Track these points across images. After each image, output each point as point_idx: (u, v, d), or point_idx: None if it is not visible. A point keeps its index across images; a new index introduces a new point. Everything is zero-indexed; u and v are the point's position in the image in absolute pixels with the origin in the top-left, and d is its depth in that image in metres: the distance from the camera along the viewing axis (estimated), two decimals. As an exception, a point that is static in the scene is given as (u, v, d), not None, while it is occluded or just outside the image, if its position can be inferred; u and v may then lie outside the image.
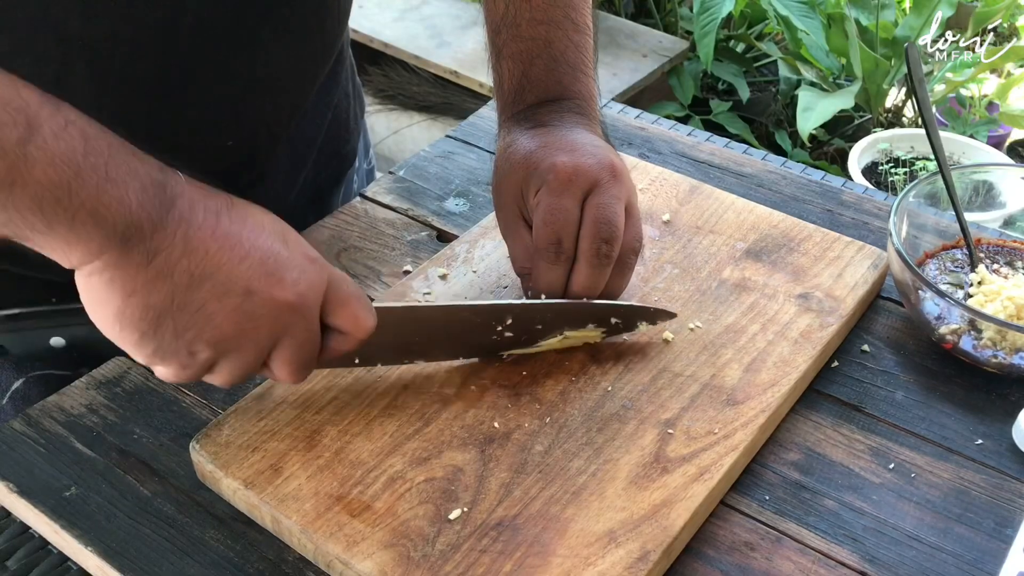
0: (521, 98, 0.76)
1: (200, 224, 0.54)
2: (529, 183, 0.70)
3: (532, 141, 0.71)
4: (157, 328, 0.53)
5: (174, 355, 0.55)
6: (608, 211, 0.67)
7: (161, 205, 0.52)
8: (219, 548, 0.61)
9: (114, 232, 0.51)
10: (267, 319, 0.56)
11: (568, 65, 0.76)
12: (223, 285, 0.54)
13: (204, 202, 0.55)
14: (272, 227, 0.58)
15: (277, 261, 0.56)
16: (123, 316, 0.53)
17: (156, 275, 0.52)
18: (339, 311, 0.59)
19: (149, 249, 0.52)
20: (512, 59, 0.77)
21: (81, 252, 0.51)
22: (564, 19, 0.76)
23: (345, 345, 0.61)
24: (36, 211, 0.49)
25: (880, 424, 0.69)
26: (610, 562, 0.57)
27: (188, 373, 0.57)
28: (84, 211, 0.49)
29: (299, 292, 0.56)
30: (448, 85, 2.70)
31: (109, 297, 0.52)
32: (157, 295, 0.52)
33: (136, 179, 0.51)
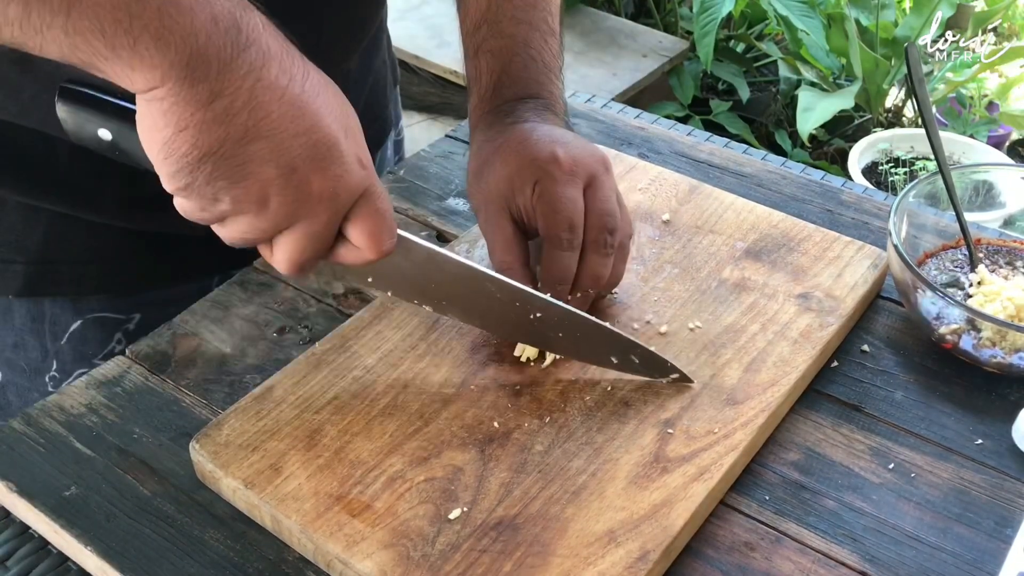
0: (499, 93, 0.78)
1: (271, 82, 0.52)
2: (524, 175, 0.70)
3: (520, 134, 0.72)
4: (196, 167, 0.52)
5: (199, 195, 0.54)
6: (608, 203, 0.70)
7: (233, 46, 0.51)
8: (219, 548, 0.61)
9: (177, 59, 0.49)
10: (292, 199, 0.55)
11: (544, 65, 0.78)
12: (271, 152, 0.53)
13: (281, 59, 0.53)
14: (340, 113, 0.56)
15: (330, 150, 0.55)
16: (170, 147, 0.52)
17: (213, 118, 0.51)
18: (359, 223, 0.58)
19: (213, 89, 0.51)
20: (491, 55, 0.78)
21: (145, 78, 0.50)
22: (541, 22, 0.79)
23: (353, 257, 0.60)
24: (98, 35, 0.48)
25: (880, 424, 0.69)
26: (610, 562, 0.57)
27: (203, 216, 0.56)
28: (146, 35, 0.48)
29: (333, 187, 0.55)
30: (448, 85, 2.70)
31: (162, 125, 0.51)
32: (207, 137, 0.52)
33: (205, 8, 0.50)
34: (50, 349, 0.82)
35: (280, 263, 0.59)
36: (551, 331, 0.68)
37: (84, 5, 0.47)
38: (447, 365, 0.70)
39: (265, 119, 0.52)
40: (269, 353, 0.74)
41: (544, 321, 0.68)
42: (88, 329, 0.82)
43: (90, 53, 0.49)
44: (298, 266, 0.59)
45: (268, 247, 0.59)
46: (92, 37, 0.48)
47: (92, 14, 0.47)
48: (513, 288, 0.67)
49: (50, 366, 0.83)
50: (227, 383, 0.72)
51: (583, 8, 2.86)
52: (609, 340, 0.68)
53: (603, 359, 0.69)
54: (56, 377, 0.84)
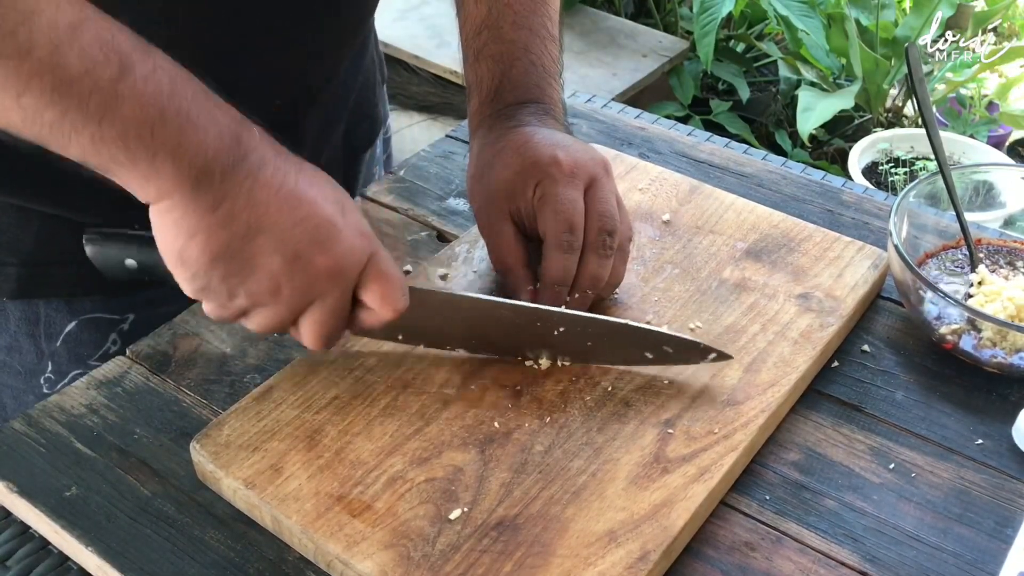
0: (500, 98, 0.78)
1: (267, 180, 0.57)
2: (525, 177, 0.71)
3: (521, 137, 0.73)
4: (210, 269, 0.57)
5: (217, 295, 0.59)
6: (608, 205, 0.71)
7: (235, 155, 0.56)
8: (219, 548, 0.61)
9: (189, 173, 0.54)
10: (304, 282, 0.59)
11: (544, 70, 0.80)
12: (274, 242, 0.58)
13: (275, 161, 0.58)
14: (334, 197, 0.61)
15: (329, 231, 0.59)
16: (184, 253, 0.57)
17: (219, 222, 0.56)
18: (371, 287, 0.62)
19: (216, 196, 0.55)
20: (492, 60, 0.79)
21: (157, 188, 0.55)
22: (541, 28, 0.80)
23: (372, 320, 0.64)
24: (121, 146, 0.53)
25: (880, 424, 0.69)
26: (610, 562, 0.57)
27: (224, 313, 0.61)
28: (165, 150, 0.53)
29: (340, 263, 0.60)
30: (448, 85, 2.70)
31: (176, 234, 0.57)
32: (216, 240, 0.56)
33: (215, 126, 0.55)
34: (45, 351, 0.83)
35: (308, 340, 0.63)
36: (578, 342, 0.69)
37: (115, 118, 0.52)
38: (447, 365, 0.70)
39: (264, 215, 0.57)
40: (270, 353, 0.74)
41: (568, 333, 0.68)
42: (83, 330, 0.83)
43: (109, 160, 0.54)
44: (325, 340, 0.63)
45: (295, 328, 0.63)
46: (115, 147, 0.53)
47: (120, 127, 0.52)
48: (528, 309, 0.68)
49: (45, 368, 0.83)
50: (228, 383, 0.72)
51: (583, 8, 2.86)
52: (639, 338, 0.69)
53: (637, 357, 0.69)
54: (51, 379, 0.84)
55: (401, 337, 0.69)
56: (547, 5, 0.81)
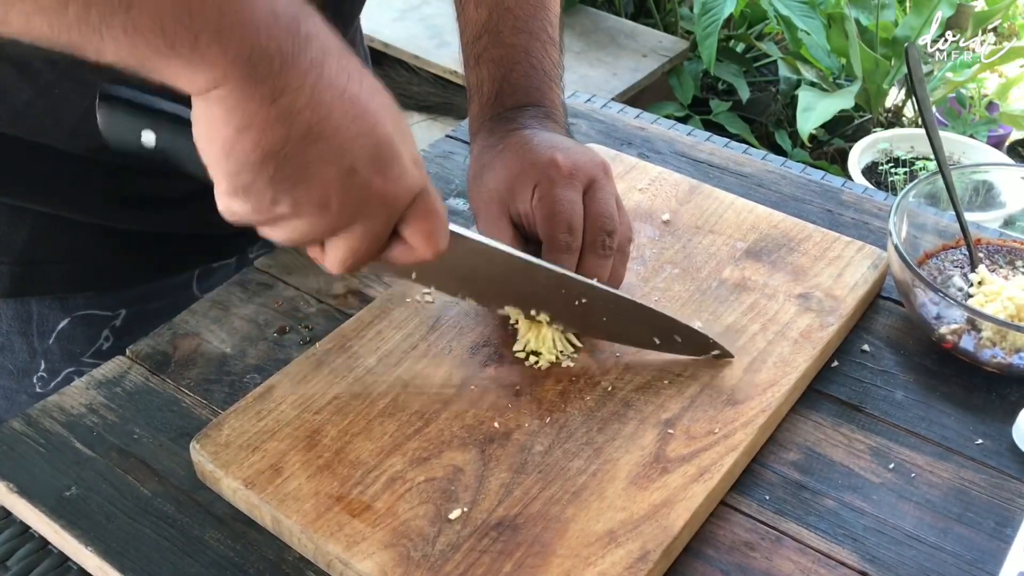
0: (500, 101, 0.78)
1: (332, 79, 0.51)
2: (524, 178, 0.71)
3: (521, 140, 0.73)
4: (259, 168, 0.51)
5: (258, 197, 0.53)
6: (607, 206, 0.71)
7: (294, 41, 0.50)
8: (219, 548, 0.61)
9: (239, 57, 0.48)
10: (354, 200, 0.54)
11: (544, 74, 0.79)
12: (334, 152, 0.52)
13: (339, 56, 0.52)
14: (394, 114, 0.56)
15: (390, 151, 0.54)
16: (232, 146, 0.51)
17: (276, 117, 0.50)
18: (416, 223, 0.58)
19: (276, 86, 0.50)
20: (493, 63, 0.79)
21: (205, 76, 0.49)
22: (541, 31, 0.80)
23: (407, 257, 0.59)
24: (157, 31, 0.47)
25: (880, 424, 0.69)
26: (610, 562, 0.57)
27: (258, 217, 0.55)
28: (208, 31, 0.47)
29: (393, 188, 0.55)
30: (448, 85, 2.70)
31: (224, 124, 0.50)
32: (271, 137, 0.50)
33: (265, 3, 0.49)
34: (38, 349, 0.82)
35: (332, 263, 0.58)
36: (595, 315, 0.69)
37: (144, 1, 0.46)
38: (447, 365, 0.70)
39: (327, 118, 0.51)
40: (269, 353, 0.74)
41: (589, 306, 0.69)
42: (75, 327, 0.82)
43: (149, 52, 0.48)
44: (350, 266, 0.58)
45: (319, 247, 0.58)
46: (152, 35, 0.47)
47: (152, 10, 0.46)
48: (559, 274, 0.68)
49: (38, 366, 0.83)
50: (227, 383, 0.72)
51: (583, 8, 2.86)
52: (653, 321, 0.69)
53: (646, 340, 0.70)
54: (44, 377, 0.84)
55: (415, 276, 0.66)
56: (547, 9, 0.81)
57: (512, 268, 0.68)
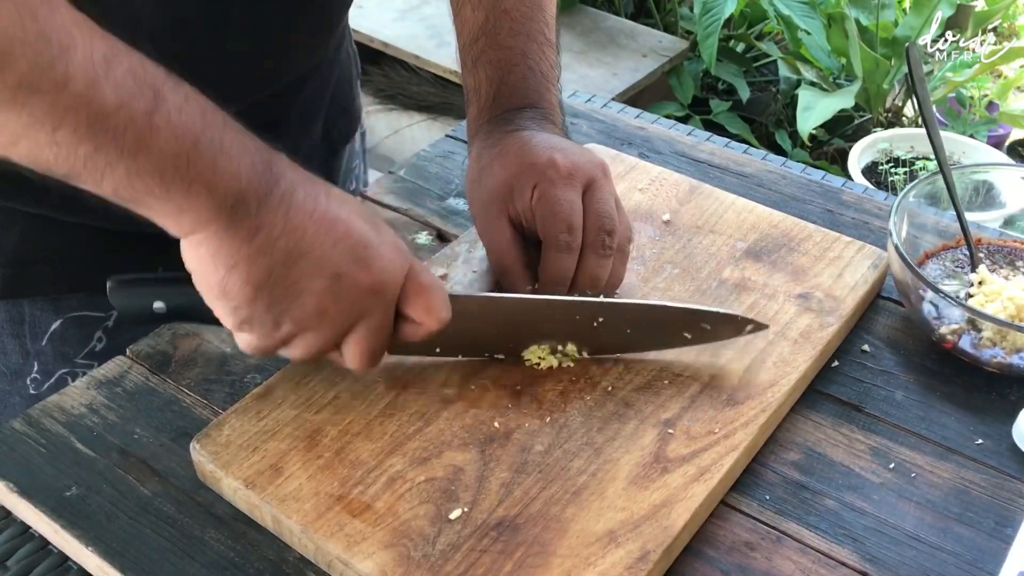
0: (498, 103, 0.79)
1: (300, 205, 0.57)
2: (523, 179, 0.71)
3: (519, 141, 0.73)
4: (254, 299, 0.57)
5: (261, 325, 0.59)
6: (607, 206, 0.71)
7: (267, 182, 0.56)
8: (219, 548, 0.61)
9: (224, 203, 0.54)
10: (349, 302, 0.59)
11: (542, 76, 0.80)
12: (316, 265, 0.57)
13: (304, 185, 0.58)
14: (365, 215, 0.61)
15: (367, 248, 0.59)
16: (225, 286, 0.57)
17: (257, 250, 0.56)
18: (415, 300, 0.62)
19: (253, 224, 0.55)
20: (490, 66, 0.80)
21: (192, 220, 0.55)
22: (538, 33, 0.80)
23: (417, 333, 0.64)
24: (157, 178, 0.53)
25: (880, 424, 0.69)
26: (610, 562, 0.57)
27: (268, 344, 0.60)
28: (200, 181, 0.53)
29: (382, 279, 0.60)
30: (448, 85, 2.70)
31: (214, 267, 0.56)
32: (257, 269, 0.56)
33: (247, 155, 0.56)
34: (31, 351, 0.82)
35: (353, 363, 0.62)
36: (618, 331, 0.69)
37: (150, 150, 0.52)
38: (447, 365, 0.70)
39: (302, 239, 0.57)
40: (269, 353, 0.74)
41: (608, 323, 0.69)
42: (68, 328, 0.82)
43: (145, 193, 0.53)
44: (370, 361, 0.63)
45: (337, 352, 0.62)
46: (151, 179, 0.53)
47: (156, 159, 0.52)
48: (567, 302, 0.69)
49: (31, 368, 0.83)
50: (228, 383, 0.72)
51: (583, 8, 2.86)
52: (678, 318, 0.69)
53: (677, 339, 0.70)
54: (37, 379, 0.84)
55: (439, 350, 0.68)
56: (543, 11, 0.82)
57: (520, 310, 0.69)
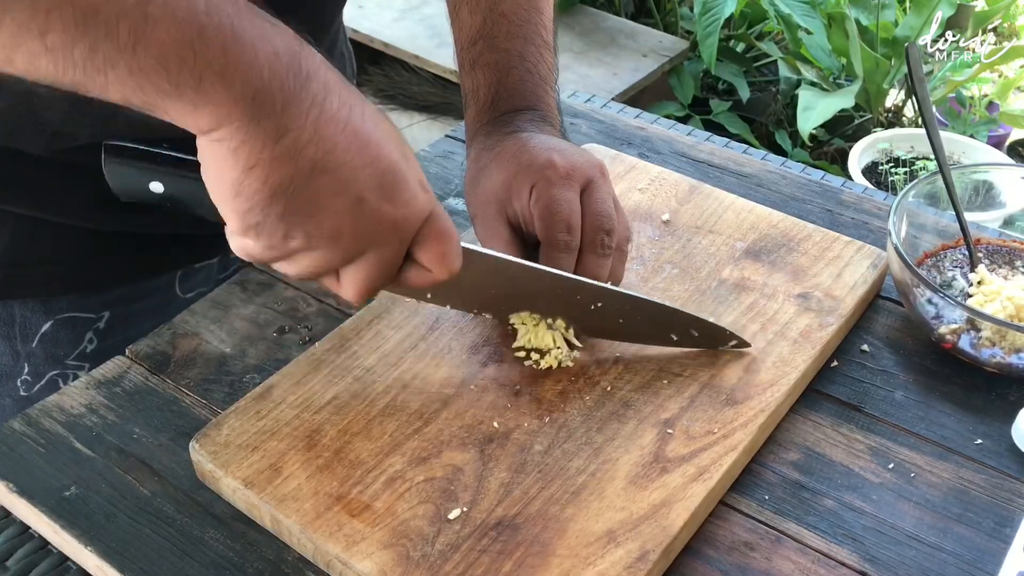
0: (496, 106, 0.78)
1: (333, 114, 0.53)
2: (521, 180, 0.71)
3: (518, 142, 0.73)
4: (268, 205, 0.53)
5: (270, 234, 0.54)
6: (604, 205, 0.71)
7: (295, 79, 0.51)
8: (219, 548, 0.61)
9: (243, 97, 0.50)
10: (366, 228, 0.56)
11: (540, 78, 0.79)
12: (341, 183, 0.54)
13: (339, 91, 0.54)
14: (397, 140, 0.57)
15: (396, 177, 0.56)
16: (240, 186, 0.52)
17: (282, 154, 0.51)
18: (429, 245, 0.59)
19: (279, 125, 0.51)
20: (488, 68, 0.79)
21: (209, 116, 0.50)
22: (536, 36, 0.80)
23: (423, 279, 0.61)
24: (162, 72, 0.48)
25: (880, 424, 0.69)
26: (609, 562, 0.57)
27: (272, 254, 0.56)
28: (211, 71, 0.48)
29: (403, 214, 0.56)
30: (448, 85, 2.70)
31: (232, 165, 0.52)
32: (278, 174, 0.52)
33: (267, 43, 0.50)
34: (21, 352, 0.82)
35: (349, 292, 0.59)
36: (611, 318, 0.70)
37: (149, 42, 0.47)
38: (447, 365, 0.70)
39: (332, 152, 0.53)
40: (269, 353, 0.74)
41: (604, 309, 0.69)
42: (59, 330, 0.82)
43: (154, 92, 0.49)
44: (367, 293, 0.59)
45: (334, 278, 0.59)
46: (156, 75, 0.48)
47: (157, 52, 0.47)
48: (573, 280, 0.68)
49: (22, 369, 0.82)
50: (227, 383, 0.72)
51: (583, 8, 2.86)
52: (669, 318, 0.70)
53: (663, 338, 0.71)
54: (28, 381, 0.83)
55: (430, 296, 0.67)
56: (541, 13, 0.81)
57: (526, 278, 0.68)
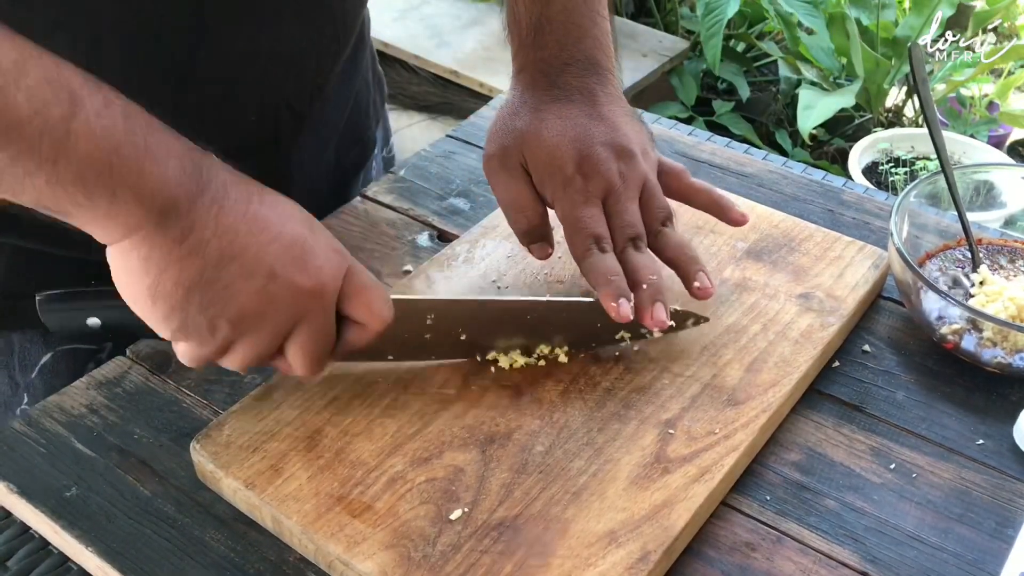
0: (540, 41, 0.76)
1: (232, 206, 0.56)
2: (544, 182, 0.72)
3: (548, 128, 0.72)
4: (186, 303, 0.55)
5: (196, 331, 0.57)
6: (626, 216, 0.70)
7: (197, 184, 0.55)
8: (220, 549, 0.61)
9: (152, 207, 0.53)
10: (286, 302, 0.58)
11: (586, 6, 0.77)
12: (249, 265, 0.56)
13: (236, 186, 0.57)
14: (299, 216, 0.60)
15: (303, 248, 0.58)
16: (155, 290, 0.55)
17: (189, 252, 0.54)
18: (356, 301, 0.61)
19: (184, 227, 0.54)
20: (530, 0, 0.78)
21: (120, 226, 0.53)
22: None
23: (361, 336, 0.62)
24: (79, 185, 0.51)
25: (881, 424, 0.69)
26: (611, 562, 0.57)
27: (206, 351, 0.58)
28: (125, 186, 0.52)
29: (319, 279, 0.58)
30: (448, 85, 2.70)
31: (144, 272, 0.54)
32: (188, 271, 0.55)
33: (174, 157, 0.54)
34: (20, 383, 0.81)
35: (300, 368, 0.61)
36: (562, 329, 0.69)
37: (70, 158, 0.50)
38: (448, 366, 0.70)
39: (234, 240, 0.56)
40: (270, 353, 0.74)
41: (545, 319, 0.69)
42: (59, 362, 0.81)
43: (68, 203, 0.51)
44: (314, 364, 0.61)
45: (283, 360, 0.61)
46: (74, 187, 0.51)
47: (76, 167, 0.50)
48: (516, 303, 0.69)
49: (21, 400, 0.82)
50: (228, 384, 0.72)
51: (583, 8, 2.85)
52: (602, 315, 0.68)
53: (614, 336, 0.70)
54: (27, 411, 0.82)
55: (391, 357, 0.68)
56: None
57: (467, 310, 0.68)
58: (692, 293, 0.70)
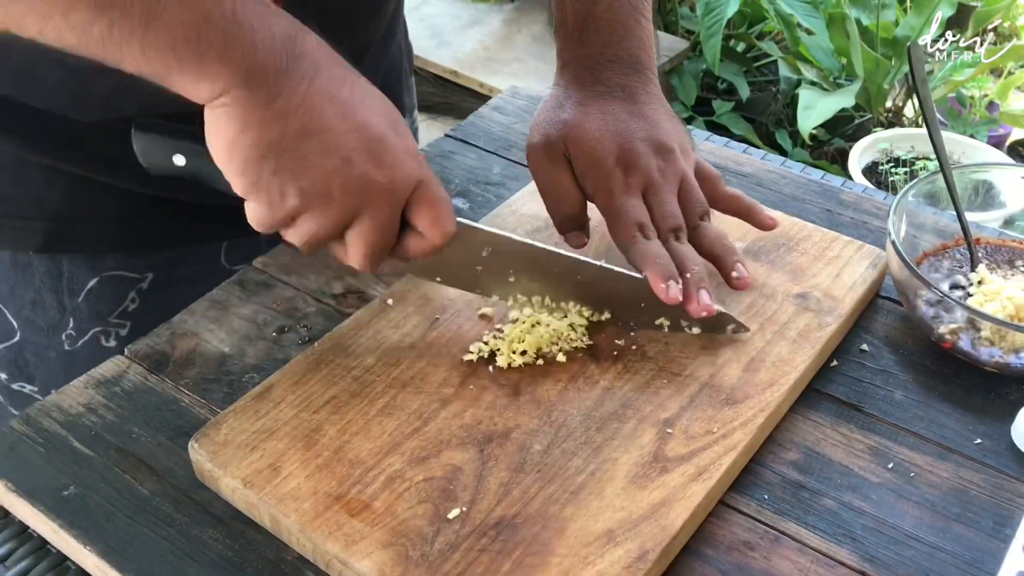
0: (586, 38, 0.79)
1: (321, 87, 0.58)
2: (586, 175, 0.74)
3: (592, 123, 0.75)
4: (261, 161, 0.58)
5: (267, 191, 0.59)
6: (666, 207, 0.73)
7: (288, 57, 0.57)
8: (218, 547, 0.61)
9: (238, 71, 0.56)
10: (355, 190, 0.60)
11: (630, 6, 0.80)
12: (327, 145, 0.58)
13: (330, 68, 0.59)
14: (386, 112, 0.62)
15: (382, 144, 0.60)
16: (235, 145, 0.58)
17: (272, 116, 0.57)
18: (421, 209, 0.62)
19: (270, 92, 0.57)
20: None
21: (208, 88, 0.56)
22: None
23: (419, 246, 0.64)
24: (169, 51, 0.54)
25: (879, 423, 0.69)
26: (609, 561, 0.57)
27: (273, 216, 0.60)
28: (212, 51, 0.55)
29: (391, 177, 0.60)
30: (448, 85, 2.70)
31: (226, 127, 0.57)
32: (268, 133, 0.57)
33: (265, 28, 0.56)
34: (67, 306, 0.84)
35: (354, 257, 0.63)
36: (605, 297, 0.71)
37: (160, 24, 0.53)
38: (446, 364, 0.70)
39: (318, 117, 0.58)
40: (268, 353, 0.74)
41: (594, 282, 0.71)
42: (104, 287, 0.84)
43: (162, 67, 0.55)
44: (370, 259, 0.63)
45: (341, 246, 0.63)
46: (165, 53, 0.54)
47: (166, 33, 0.54)
48: (570, 260, 0.70)
49: (67, 324, 0.84)
50: (226, 383, 0.72)
51: (583, 8, 2.86)
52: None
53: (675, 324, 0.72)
54: (72, 335, 0.85)
55: (440, 279, 0.70)
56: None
57: (525, 256, 0.70)
58: (730, 283, 0.73)
